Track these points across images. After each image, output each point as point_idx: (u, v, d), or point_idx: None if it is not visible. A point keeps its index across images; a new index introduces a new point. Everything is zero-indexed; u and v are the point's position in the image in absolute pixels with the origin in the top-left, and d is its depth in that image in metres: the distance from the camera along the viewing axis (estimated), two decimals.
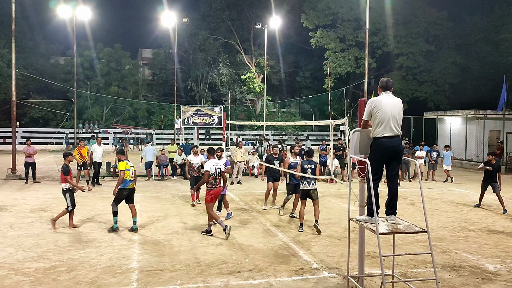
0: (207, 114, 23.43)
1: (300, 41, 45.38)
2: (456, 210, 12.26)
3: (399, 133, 5.63)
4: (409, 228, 5.47)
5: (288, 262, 7.42)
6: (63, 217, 9.65)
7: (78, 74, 37.18)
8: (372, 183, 5.23)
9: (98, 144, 16.26)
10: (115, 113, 42.81)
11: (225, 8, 44.91)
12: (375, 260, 7.55)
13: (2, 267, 6.94)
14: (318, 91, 42.85)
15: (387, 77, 5.99)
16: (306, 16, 38.76)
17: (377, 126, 5.57)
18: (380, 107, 5.54)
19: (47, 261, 7.28)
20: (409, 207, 12.58)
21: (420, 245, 8.55)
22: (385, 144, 5.55)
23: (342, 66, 37.66)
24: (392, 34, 35.81)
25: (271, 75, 44.81)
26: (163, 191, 15.10)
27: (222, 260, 7.46)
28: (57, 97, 40.20)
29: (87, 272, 6.77)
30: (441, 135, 29.47)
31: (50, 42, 44.49)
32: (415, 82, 37.25)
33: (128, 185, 9.24)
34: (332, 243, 8.69)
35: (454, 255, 7.98)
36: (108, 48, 42.34)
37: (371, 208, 5.46)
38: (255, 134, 41.42)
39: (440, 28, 35.84)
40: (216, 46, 44.29)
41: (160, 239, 8.74)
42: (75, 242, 8.42)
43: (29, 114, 38.70)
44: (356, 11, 35.73)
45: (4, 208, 11.52)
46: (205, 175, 8.93)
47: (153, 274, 6.76)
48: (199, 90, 44.94)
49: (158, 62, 45.34)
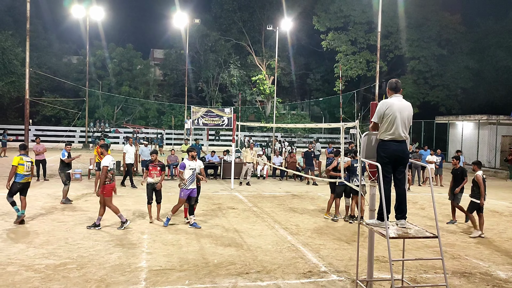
0: (217, 115, 23.50)
1: (311, 43, 45.34)
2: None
3: (406, 137, 5.58)
4: (419, 233, 5.42)
5: (297, 265, 7.40)
6: (78, 216, 9.73)
7: (90, 73, 37.55)
8: (383, 187, 5.20)
9: (130, 144, 15.94)
10: (126, 113, 43.09)
11: (236, 9, 45.05)
12: (384, 264, 7.51)
13: (13, 263, 7.02)
14: (328, 94, 42.75)
15: (396, 78, 5.94)
16: (318, 19, 38.74)
17: (386, 129, 5.53)
18: (392, 110, 5.50)
19: (57, 258, 7.35)
20: (419, 212, 12.48)
21: (430, 250, 8.48)
22: (391, 148, 5.51)
23: (353, 69, 37.55)
24: (404, 38, 35.63)
25: (281, 77, 44.83)
26: (172, 190, 15.14)
27: (230, 261, 7.47)
28: (69, 96, 40.61)
29: (96, 270, 6.82)
30: (452, 140, 29.21)
31: (63, 41, 44.99)
32: (427, 86, 36.99)
33: (22, 179, 9.58)
34: (340, 246, 8.65)
35: (465, 261, 7.90)
36: (120, 48, 42.67)
37: (381, 212, 5.43)
38: (265, 135, 41.44)
39: (453, 32, 35.57)
40: (227, 47, 44.41)
41: (169, 238, 8.78)
42: (85, 239, 8.48)
43: (42, 112, 39.10)
44: (368, 14, 35.63)
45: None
46: (103, 170, 9.19)
47: (161, 273, 6.79)
48: (209, 91, 45.08)
49: (169, 63, 45.57)
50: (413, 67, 36.56)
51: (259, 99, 47.30)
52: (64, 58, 44.13)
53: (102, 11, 33.96)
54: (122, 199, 12.64)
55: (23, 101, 25.47)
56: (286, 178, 19.47)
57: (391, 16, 34.21)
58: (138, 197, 13.29)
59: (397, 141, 5.50)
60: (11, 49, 33.99)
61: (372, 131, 5.81)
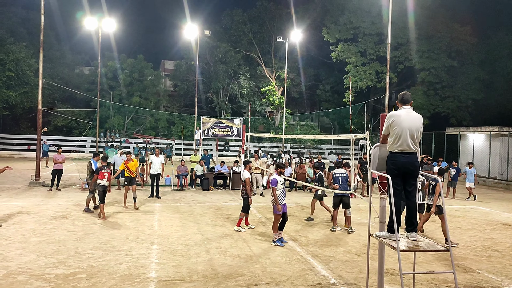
0: (226, 126, 23.52)
1: (321, 55, 45.45)
2: (479, 229, 11.98)
3: (416, 149, 5.55)
4: (430, 246, 5.37)
5: (306, 277, 7.35)
6: (81, 223, 9.78)
7: (101, 84, 37.93)
8: (393, 199, 5.17)
9: (156, 155, 15.93)
10: (136, 123, 43.43)
11: (246, 21, 45.42)
12: (394, 277, 7.42)
13: (23, 272, 7.07)
14: (338, 105, 42.69)
15: (405, 91, 5.94)
16: (328, 30, 38.86)
17: (394, 141, 5.52)
18: (399, 122, 5.49)
19: (67, 267, 7.39)
20: (430, 224, 12.33)
21: (441, 263, 8.37)
22: (400, 160, 5.48)
23: (363, 80, 37.50)
24: (414, 49, 35.52)
25: (291, 88, 44.92)
26: (181, 201, 15.18)
27: (239, 272, 7.45)
28: (81, 106, 41.04)
29: (106, 280, 6.84)
30: (463, 151, 28.94)
31: (76, 52, 45.63)
32: (437, 97, 36.77)
33: None
34: (350, 258, 8.58)
35: (477, 275, 7.79)
36: (131, 59, 43.17)
37: (391, 224, 5.39)
38: (274, 146, 41.40)
39: (463, 43, 35.41)
40: (237, 58, 44.70)
41: (178, 249, 8.78)
42: (94, 249, 8.52)
43: (53, 122, 39.54)
44: (378, 26, 35.66)
45: (27, 214, 11.76)
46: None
47: (170, 284, 6.79)
48: (219, 101, 45.31)
49: (180, 74, 45.95)
50: (423, 78, 36.40)
51: (268, 110, 47.41)
52: (76, 69, 44.73)
53: (114, 23, 34.40)
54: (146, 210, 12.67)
55: (35, 111, 25.80)
56: (295, 189, 19.41)
57: (401, 27, 34.20)
58: (161, 209, 13.32)
59: (406, 153, 5.48)
60: (25, 60, 34.55)
61: (382, 143, 5.81)
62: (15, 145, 36.50)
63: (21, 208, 12.67)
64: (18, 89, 34.94)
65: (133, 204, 13.32)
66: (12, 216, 11.29)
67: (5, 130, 38.53)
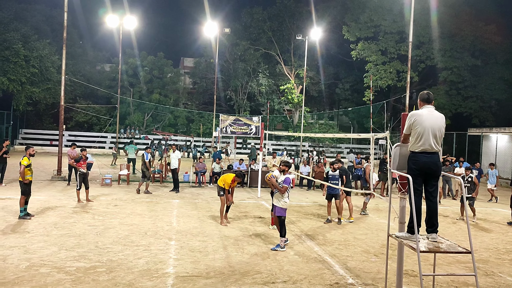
0: (245, 124, 23.53)
1: (341, 53, 45.08)
2: (501, 232, 11.74)
3: (438, 149, 5.44)
4: (451, 247, 5.27)
5: (323, 276, 7.32)
6: (108, 222, 9.91)
7: (122, 81, 38.50)
8: (413, 199, 5.10)
9: (173, 151, 16.61)
10: (156, 120, 43.90)
11: (266, 19, 45.38)
12: (413, 279, 7.33)
13: (45, 265, 7.22)
14: (357, 104, 42.31)
15: (427, 90, 5.84)
16: (348, 28, 38.51)
17: (416, 140, 5.43)
18: (421, 121, 5.40)
19: (87, 261, 7.52)
20: (450, 226, 12.15)
21: (462, 266, 8.23)
22: (422, 160, 5.39)
23: (383, 79, 37.04)
24: (437, 48, 34.92)
25: (310, 86, 44.71)
26: (199, 197, 15.28)
27: (256, 270, 7.46)
28: (102, 102, 41.70)
29: (125, 274, 6.94)
30: (485, 152, 28.36)
31: (97, 49, 46.38)
32: (459, 97, 36.10)
33: None
34: (368, 259, 8.51)
35: (498, 279, 7.63)
36: (152, 57, 43.62)
37: (411, 225, 5.32)
38: (292, 144, 41.29)
39: (487, 42, 34.64)
40: (256, 56, 44.69)
41: (196, 245, 8.84)
42: (114, 244, 8.65)
43: (75, 118, 40.26)
44: (399, 24, 35.16)
45: (49, 208, 12.01)
46: None
47: (188, 280, 6.84)
48: (238, 99, 45.41)
49: (199, 71, 46.21)
50: (445, 78, 35.77)
51: (287, 108, 47.30)
52: (98, 66, 45.45)
53: (135, 21, 34.85)
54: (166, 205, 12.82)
55: (58, 107, 26.34)
56: (313, 188, 19.34)
57: (423, 26, 33.65)
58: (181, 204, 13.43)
59: (428, 153, 5.39)
60: (48, 57, 35.25)
61: (403, 142, 5.72)
62: (38, 140, 37.26)
63: (43, 202, 12.95)
64: (42, 85, 35.69)
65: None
66: (35, 210, 11.53)
67: (29, 126, 39.38)
